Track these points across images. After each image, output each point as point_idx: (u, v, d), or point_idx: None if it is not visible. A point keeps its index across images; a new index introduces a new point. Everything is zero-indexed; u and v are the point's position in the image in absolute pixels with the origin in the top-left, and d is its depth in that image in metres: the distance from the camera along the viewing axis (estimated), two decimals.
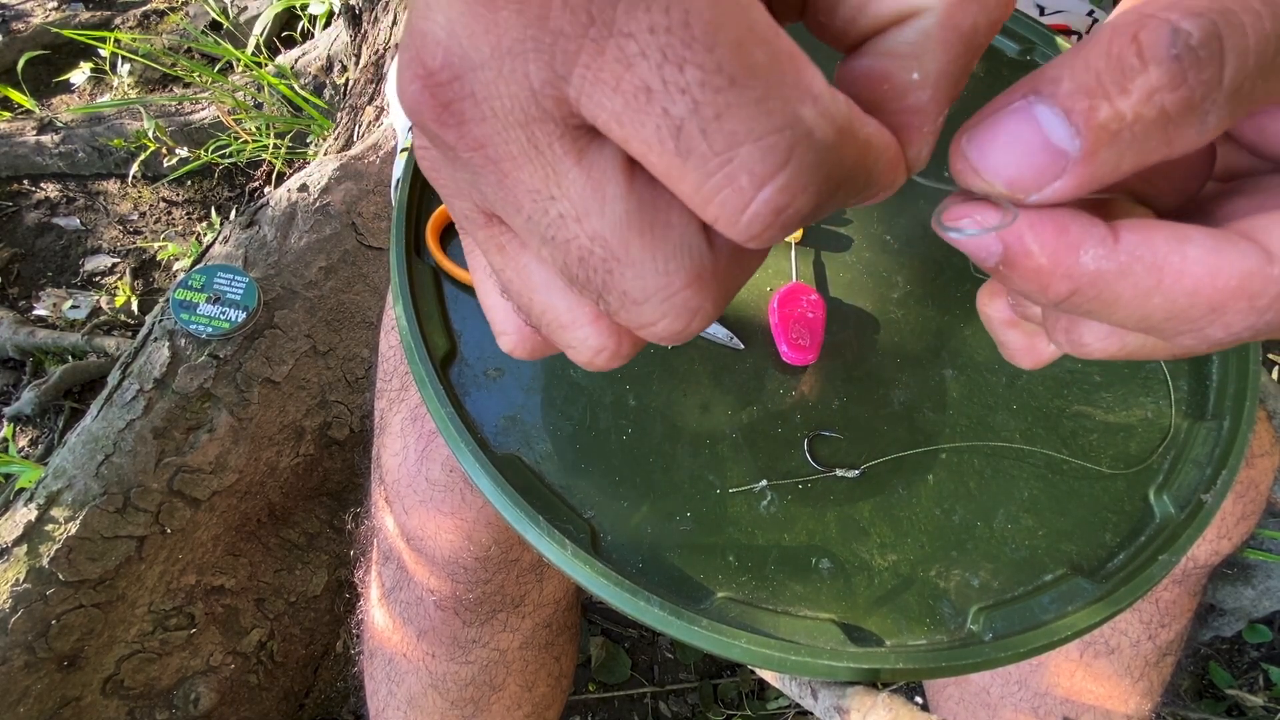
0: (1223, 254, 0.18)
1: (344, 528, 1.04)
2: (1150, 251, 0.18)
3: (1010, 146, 0.18)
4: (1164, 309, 0.19)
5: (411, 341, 0.44)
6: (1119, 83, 0.17)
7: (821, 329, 0.47)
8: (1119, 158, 0.18)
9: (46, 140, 1.41)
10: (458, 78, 0.17)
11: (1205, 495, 0.43)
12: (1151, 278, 0.18)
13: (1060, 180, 0.18)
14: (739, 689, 1.10)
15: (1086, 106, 0.17)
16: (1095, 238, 0.19)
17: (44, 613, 0.80)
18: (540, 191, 0.17)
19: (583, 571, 0.39)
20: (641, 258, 0.17)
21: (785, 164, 0.15)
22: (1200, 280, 0.18)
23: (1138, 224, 0.19)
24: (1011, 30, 0.60)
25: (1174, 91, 0.17)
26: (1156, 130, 0.17)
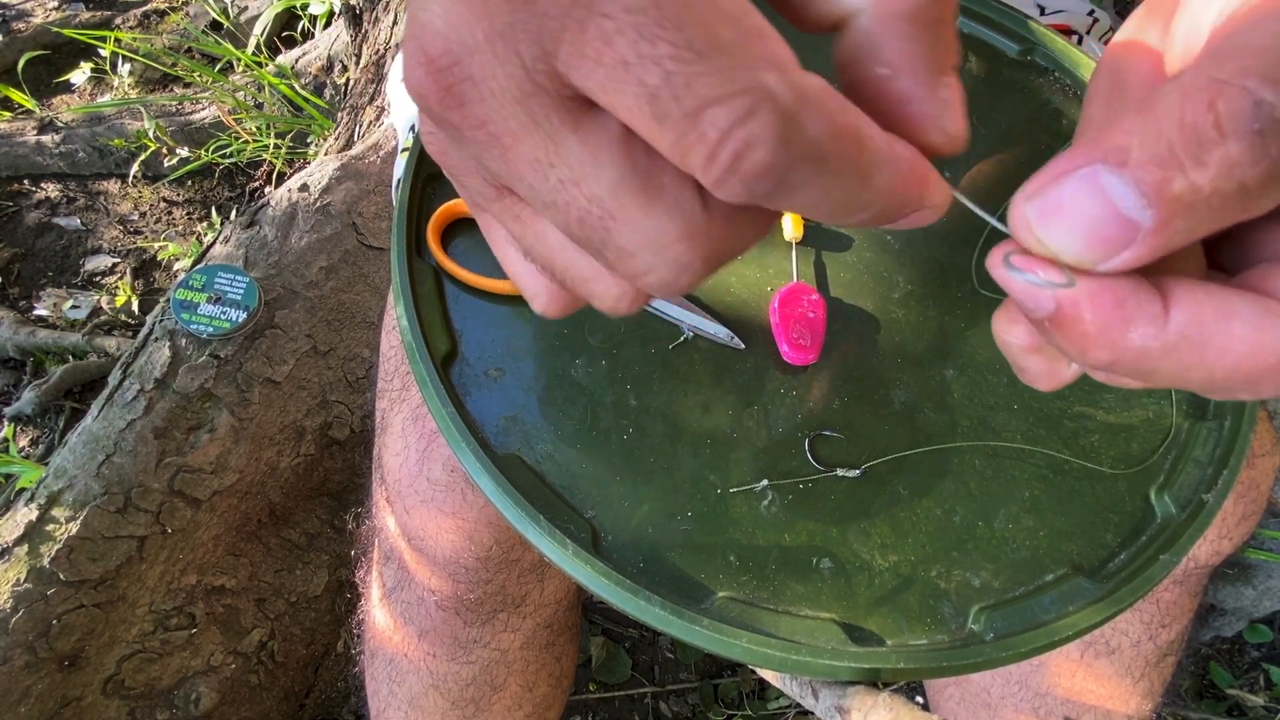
0: (1266, 332, 0.18)
1: (345, 528, 1.04)
2: (1198, 330, 0.18)
3: (1077, 217, 0.18)
4: (1201, 380, 0.19)
5: (412, 341, 0.44)
6: (1195, 155, 0.17)
7: (822, 329, 0.47)
8: (1193, 228, 0.17)
9: (47, 140, 1.41)
10: (457, 62, 0.18)
11: (1206, 495, 0.43)
12: (1195, 355, 0.18)
13: (1129, 250, 0.18)
14: (740, 689, 1.10)
15: (1159, 179, 0.17)
16: (1148, 316, 0.18)
17: (45, 612, 0.80)
18: (541, 160, 0.19)
19: (583, 571, 0.39)
20: (635, 215, 0.19)
21: (747, 119, 0.16)
22: (1241, 358, 0.18)
23: (1189, 295, 0.19)
24: (1012, 30, 0.60)
25: (1256, 165, 0.16)
26: (1234, 201, 0.17)
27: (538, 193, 0.19)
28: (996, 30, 0.60)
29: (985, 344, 0.49)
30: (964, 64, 0.59)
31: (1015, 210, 0.19)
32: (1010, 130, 0.56)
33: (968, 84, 0.58)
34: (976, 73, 0.59)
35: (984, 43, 0.60)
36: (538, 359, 0.46)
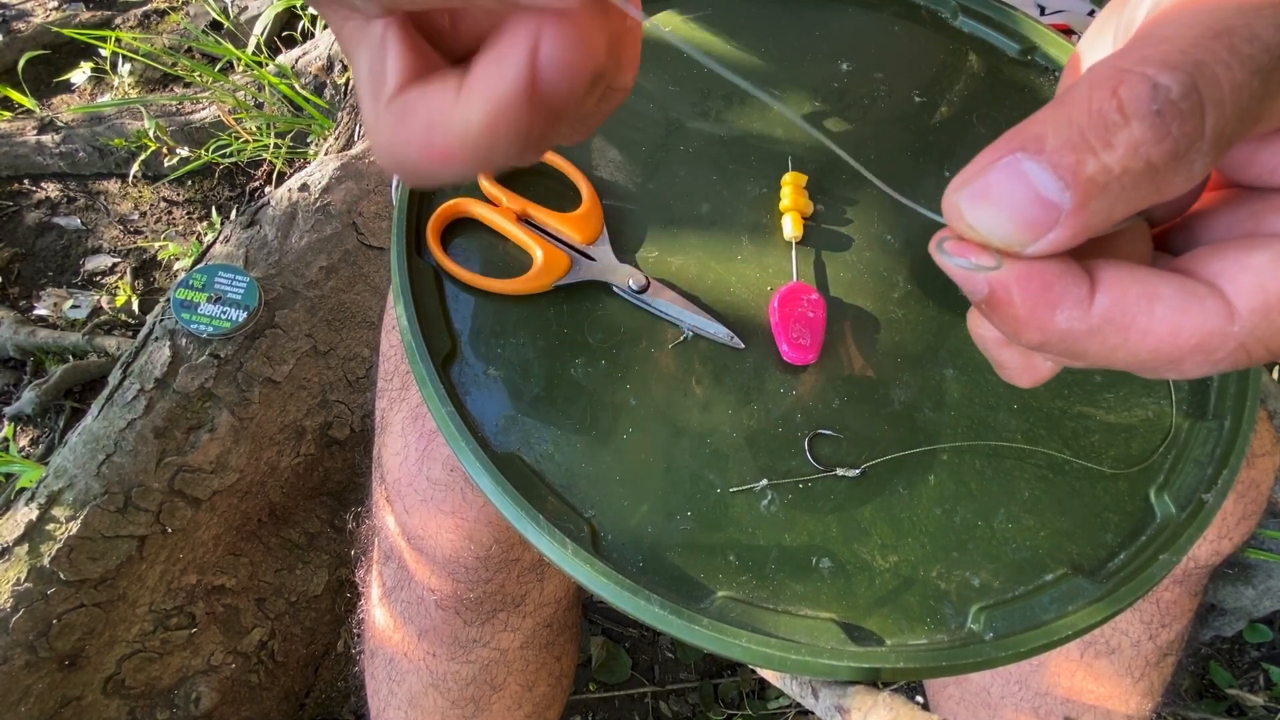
0: (1187, 314, 0.19)
1: (345, 527, 1.04)
2: (1120, 313, 0.19)
3: (1002, 202, 0.19)
4: (1126, 361, 0.20)
5: (412, 341, 0.44)
6: (1103, 138, 0.18)
7: (822, 328, 0.47)
8: (1110, 208, 0.18)
9: (47, 140, 1.41)
10: None
11: (1206, 495, 0.43)
12: (1118, 337, 0.20)
13: (1054, 232, 0.19)
14: (740, 688, 1.10)
15: (1074, 161, 0.18)
16: (1073, 299, 0.20)
17: (45, 612, 0.80)
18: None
19: (583, 571, 0.39)
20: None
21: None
22: (1163, 340, 0.19)
23: (1115, 278, 0.20)
24: (1012, 30, 0.60)
25: (1159, 144, 0.18)
26: (1144, 180, 0.18)
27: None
28: (996, 30, 0.60)
29: None
30: (964, 64, 0.59)
31: (947, 199, 0.20)
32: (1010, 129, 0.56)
33: (969, 83, 0.58)
34: (976, 72, 0.59)
35: (984, 43, 0.60)
36: (537, 359, 0.46)
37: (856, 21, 0.61)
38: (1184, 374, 0.20)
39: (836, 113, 0.56)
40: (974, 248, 0.20)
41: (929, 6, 0.62)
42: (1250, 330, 0.19)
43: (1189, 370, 0.20)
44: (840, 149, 0.23)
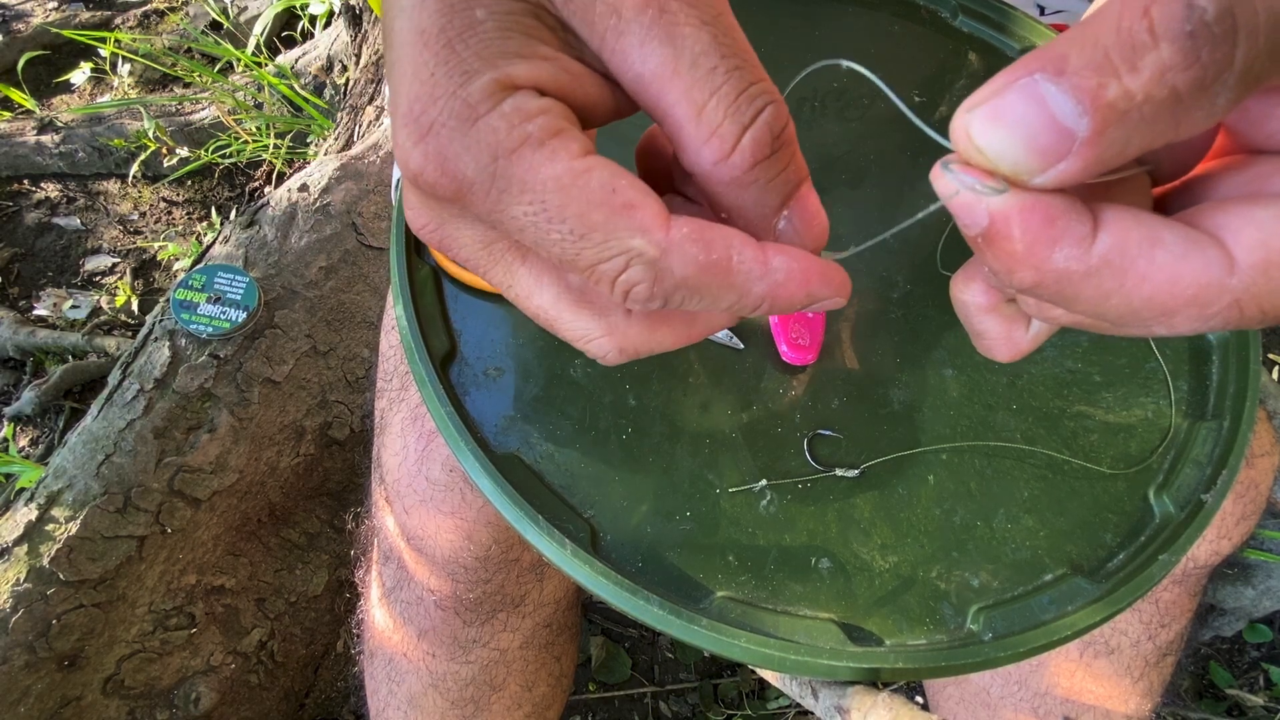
0: (1187, 261, 0.18)
1: (344, 527, 1.04)
2: (1121, 255, 0.19)
3: (1016, 126, 0.18)
4: (1119, 308, 0.19)
5: (411, 341, 0.44)
6: (1129, 60, 0.17)
7: (821, 329, 0.47)
8: (1126, 139, 0.18)
9: (46, 140, 1.41)
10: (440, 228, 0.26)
11: (1205, 495, 0.43)
12: (1114, 281, 0.19)
13: (1065, 162, 0.18)
14: (739, 689, 1.10)
15: (1095, 84, 0.17)
16: (1074, 237, 0.19)
17: (45, 612, 0.80)
18: (503, 282, 0.27)
19: (582, 571, 0.39)
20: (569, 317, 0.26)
21: (625, 270, 0.23)
22: (1159, 287, 0.19)
23: (1118, 221, 0.19)
24: (1012, 30, 0.60)
25: (1186, 70, 0.17)
26: (1166, 111, 0.17)
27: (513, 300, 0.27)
28: (996, 30, 0.60)
29: None
30: (964, 64, 0.59)
31: (956, 120, 0.19)
32: None
33: (969, 83, 0.58)
34: (976, 72, 0.59)
35: (984, 42, 0.60)
36: (537, 359, 0.46)
37: (856, 21, 0.61)
38: (1173, 328, 0.19)
39: (836, 113, 0.56)
40: (977, 170, 0.19)
41: (929, 6, 0.62)
42: (1248, 285, 0.18)
43: (1179, 324, 0.19)
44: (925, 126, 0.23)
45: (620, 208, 0.22)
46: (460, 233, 0.25)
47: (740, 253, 0.23)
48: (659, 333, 0.27)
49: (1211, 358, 0.48)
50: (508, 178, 0.22)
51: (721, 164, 0.23)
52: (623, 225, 0.22)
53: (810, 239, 0.25)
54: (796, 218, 0.25)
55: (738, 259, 0.23)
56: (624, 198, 0.22)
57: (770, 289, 0.24)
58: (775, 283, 0.24)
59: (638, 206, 0.22)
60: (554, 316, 0.26)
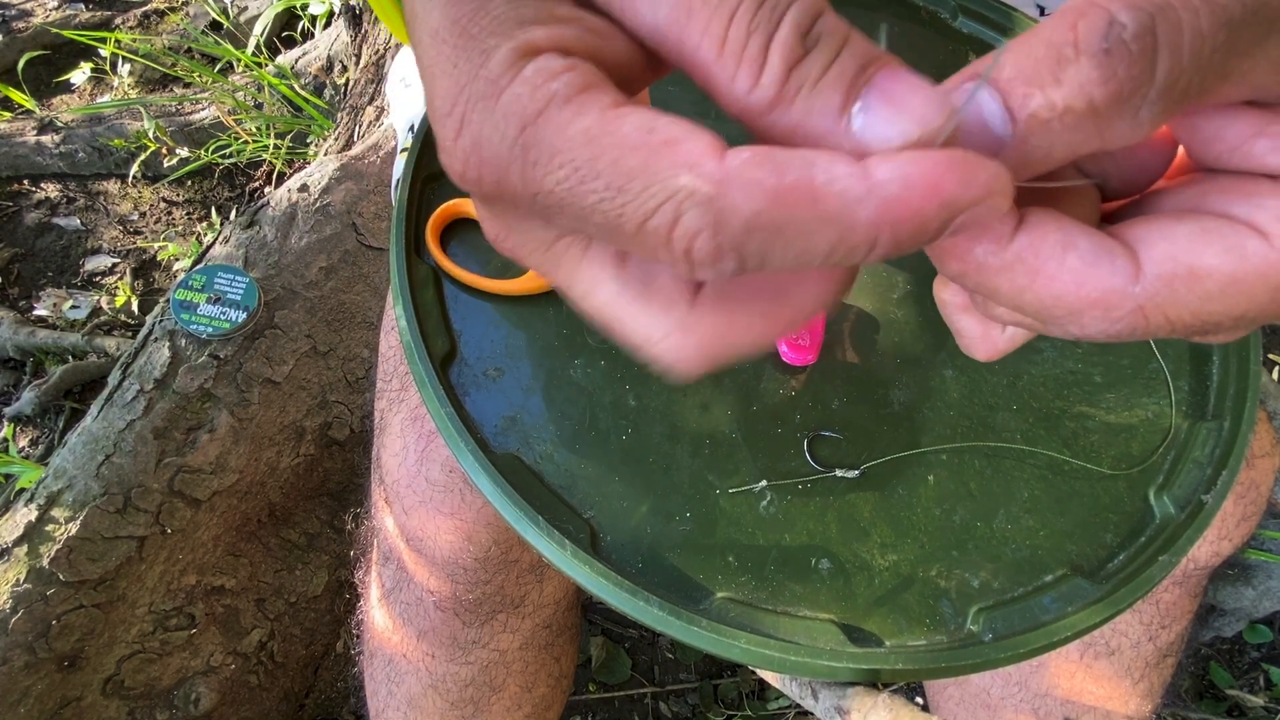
0: (1095, 267, 0.19)
1: (344, 528, 1.04)
2: (1033, 255, 0.20)
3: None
4: (1032, 304, 0.20)
5: (411, 341, 0.44)
6: (1053, 72, 0.18)
7: (821, 329, 0.47)
8: (1049, 146, 0.18)
9: (46, 140, 1.41)
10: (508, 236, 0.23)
11: (1206, 496, 0.43)
12: (1026, 278, 0.20)
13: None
14: (739, 689, 1.10)
15: (1022, 93, 0.18)
16: (993, 235, 0.20)
17: (44, 613, 0.80)
18: (567, 281, 0.23)
19: (582, 572, 0.39)
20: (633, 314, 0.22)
21: (679, 219, 0.18)
22: (1066, 287, 0.20)
23: (1038, 224, 0.20)
24: (1011, 30, 0.60)
25: (1103, 85, 0.17)
26: (1086, 122, 0.18)
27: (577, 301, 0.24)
28: (997, 30, 0.60)
29: None
30: (964, 65, 0.59)
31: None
32: None
33: None
34: None
35: (984, 43, 0.60)
36: (536, 359, 0.46)
37: (856, 22, 0.60)
38: (1085, 330, 0.20)
39: None
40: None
41: (928, 7, 0.61)
42: (1150, 295, 0.19)
43: (1089, 326, 0.20)
44: None
45: (659, 146, 0.18)
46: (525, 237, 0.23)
47: (828, 169, 0.18)
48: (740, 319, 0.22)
49: (1212, 358, 0.48)
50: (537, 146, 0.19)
51: (756, 90, 0.19)
52: (664, 164, 0.18)
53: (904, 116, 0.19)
54: (875, 103, 0.19)
55: (825, 177, 0.18)
56: (663, 135, 0.18)
57: (882, 209, 0.17)
58: (888, 198, 0.17)
59: (680, 141, 0.18)
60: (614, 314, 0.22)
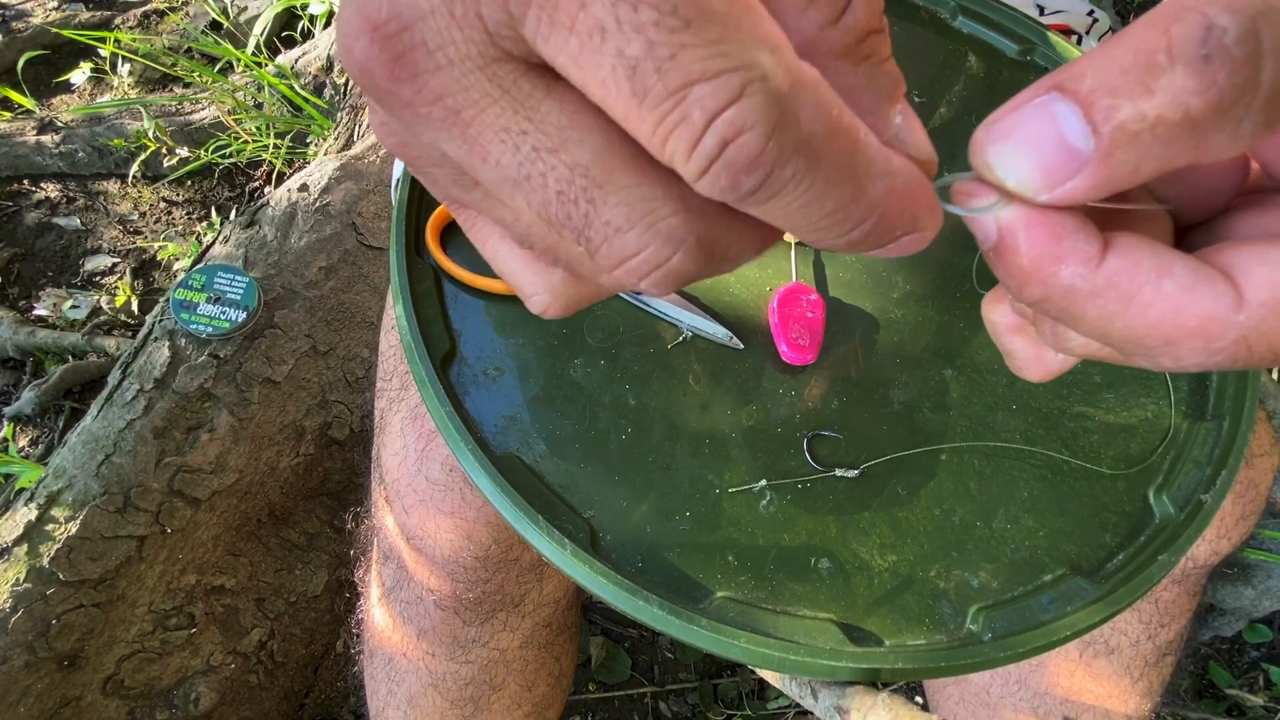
0: (1194, 293, 0.18)
1: (344, 527, 1.04)
2: (1128, 280, 0.18)
3: (1025, 143, 0.18)
4: (1123, 333, 0.19)
5: (411, 341, 0.44)
6: (1143, 81, 0.16)
7: (821, 329, 0.47)
8: (1138, 161, 0.17)
9: (46, 140, 1.41)
10: (406, 27, 0.16)
11: (1205, 495, 0.43)
12: (1119, 305, 0.19)
13: (1073, 181, 0.18)
14: (739, 689, 1.10)
15: (1107, 105, 0.17)
16: (1081, 256, 0.19)
17: (44, 612, 0.80)
18: (510, 129, 0.17)
19: (582, 571, 0.39)
20: (627, 182, 0.17)
21: (738, 100, 0.15)
22: (1163, 315, 0.18)
23: (1130, 246, 0.19)
24: (1011, 30, 0.60)
25: (1201, 94, 0.16)
26: (1181, 135, 0.16)
27: (506, 170, 0.17)
28: (996, 30, 0.60)
29: (984, 344, 0.49)
30: (964, 65, 0.59)
31: (974, 135, 0.19)
32: None
33: (968, 84, 0.58)
34: (976, 73, 0.59)
35: (984, 43, 0.60)
36: (536, 359, 0.46)
37: None
38: (1180, 361, 0.19)
39: None
40: (986, 189, 0.19)
41: (928, 7, 0.62)
42: (1255, 323, 0.18)
43: (1185, 356, 0.19)
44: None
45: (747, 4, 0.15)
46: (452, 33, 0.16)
47: (867, 131, 0.17)
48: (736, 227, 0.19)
49: None
50: None
51: (830, 28, 0.18)
52: (750, 27, 0.15)
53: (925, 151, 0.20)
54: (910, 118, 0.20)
55: (865, 136, 0.17)
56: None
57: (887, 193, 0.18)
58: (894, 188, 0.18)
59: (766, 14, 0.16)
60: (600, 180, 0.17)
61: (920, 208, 0.18)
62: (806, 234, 0.18)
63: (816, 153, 0.16)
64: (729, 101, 0.15)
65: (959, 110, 0.57)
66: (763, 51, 0.15)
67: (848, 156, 0.17)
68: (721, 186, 0.16)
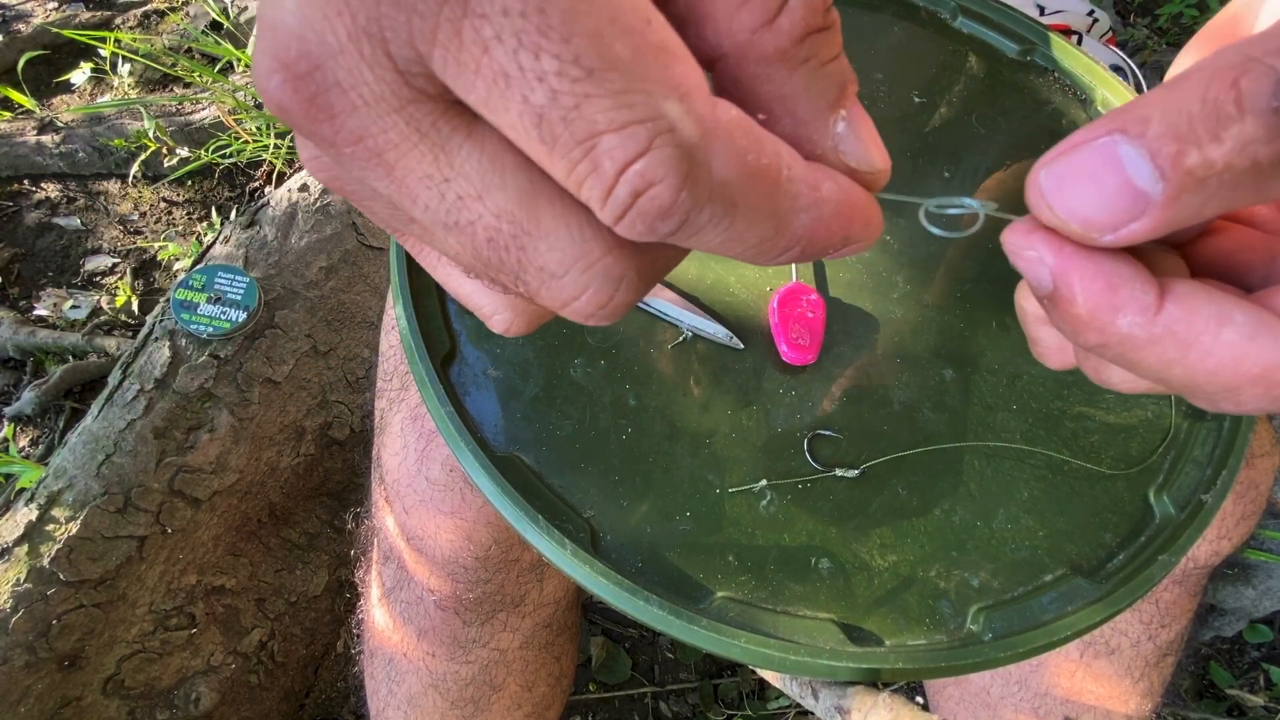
0: (1256, 341, 0.18)
1: (344, 528, 1.04)
2: (1186, 328, 0.18)
3: (1090, 185, 0.18)
4: (1182, 379, 0.19)
5: (411, 341, 0.44)
6: (1212, 130, 0.17)
7: (821, 329, 0.47)
8: (1202, 205, 0.17)
9: (46, 140, 1.41)
10: (317, 67, 0.16)
11: (1205, 495, 0.43)
12: (1178, 352, 0.19)
13: (1137, 223, 0.18)
14: (739, 689, 1.10)
15: (1174, 151, 0.17)
16: (1139, 305, 0.19)
17: (45, 612, 0.80)
18: (433, 175, 0.17)
19: (582, 571, 0.39)
20: (554, 226, 0.17)
21: (644, 153, 0.15)
22: (1223, 363, 0.18)
23: (1187, 294, 0.19)
24: (1011, 30, 0.60)
25: (1270, 144, 0.16)
26: (1246, 181, 0.17)
27: (435, 214, 0.17)
28: (996, 30, 0.60)
29: (984, 344, 0.49)
30: (964, 65, 0.59)
31: (1031, 176, 0.19)
32: (1009, 130, 0.56)
33: (968, 84, 0.58)
34: (976, 73, 0.59)
35: (984, 43, 0.60)
36: (536, 359, 0.46)
37: (856, 22, 0.61)
38: (1240, 406, 0.19)
39: None
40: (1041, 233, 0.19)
41: (928, 7, 0.61)
42: None
43: (1246, 402, 0.19)
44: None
45: (655, 49, 0.15)
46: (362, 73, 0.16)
47: (790, 166, 0.17)
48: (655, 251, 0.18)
49: None
50: None
51: (764, 30, 0.17)
52: (656, 76, 0.15)
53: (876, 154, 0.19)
54: (855, 122, 0.19)
55: (787, 173, 0.17)
56: (661, 37, 0.15)
57: (813, 224, 0.18)
58: (821, 217, 0.18)
59: (676, 56, 0.15)
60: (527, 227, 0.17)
61: (853, 227, 0.19)
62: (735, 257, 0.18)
63: (732, 198, 0.16)
64: (637, 154, 0.15)
65: (959, 110, 0.57)
66: (670, 100, 0.15)
67: (767, 197, 0.16)
68: (639, 231, 0.16)
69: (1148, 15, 1.64)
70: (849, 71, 0.18)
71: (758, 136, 0.16)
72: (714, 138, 0.15)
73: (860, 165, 0.19)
